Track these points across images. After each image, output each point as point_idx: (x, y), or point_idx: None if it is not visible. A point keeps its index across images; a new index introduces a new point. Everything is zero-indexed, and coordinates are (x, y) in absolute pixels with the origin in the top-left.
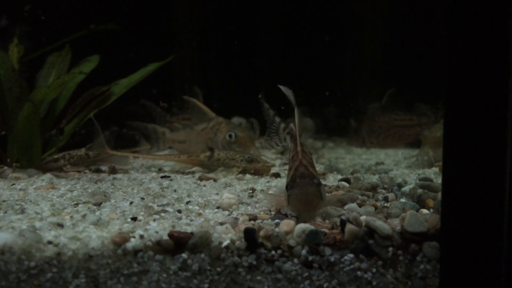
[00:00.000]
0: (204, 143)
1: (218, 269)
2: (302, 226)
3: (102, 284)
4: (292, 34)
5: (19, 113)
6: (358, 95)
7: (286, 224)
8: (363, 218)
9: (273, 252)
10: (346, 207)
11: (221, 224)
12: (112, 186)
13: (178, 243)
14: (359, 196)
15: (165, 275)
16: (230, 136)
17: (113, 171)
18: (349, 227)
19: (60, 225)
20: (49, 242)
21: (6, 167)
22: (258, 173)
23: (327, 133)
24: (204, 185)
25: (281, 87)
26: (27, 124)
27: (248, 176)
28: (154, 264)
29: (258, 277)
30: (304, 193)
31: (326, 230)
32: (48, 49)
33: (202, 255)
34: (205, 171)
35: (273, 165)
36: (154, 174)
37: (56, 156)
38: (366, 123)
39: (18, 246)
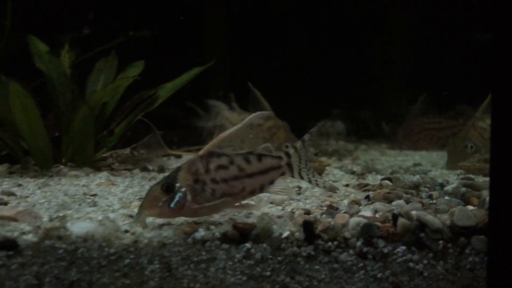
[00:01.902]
0: (256, 138)
1: (279, 258)
2: (356, 219)
3: (174, 270)
4: (326, 38)
5: (75, 115)
6: (391, 99)
7: (341, 217)
8: (414, 212)
9: (329, 243)
10: (393, 203)
11: (279, 217)
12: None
13: (242, 233)
14: (403, 194)
15: (230, 262)
16: (286, 147)
17: (161, 169)
18: (401, 220)
19: (131, 216)
20: (126, 231)
21: (62, 166)
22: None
23: (358, 136)
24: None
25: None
26: (82, 126)
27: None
28: (220, 253)
29: (316, 266)
30: (148, 191)
31: (379, 224)
32: (90, 54)
33: (264, 245)
34: None
35: (329, 164)
36: None
37: (104, 155)
38: (402, 126)
39: (99, 234)
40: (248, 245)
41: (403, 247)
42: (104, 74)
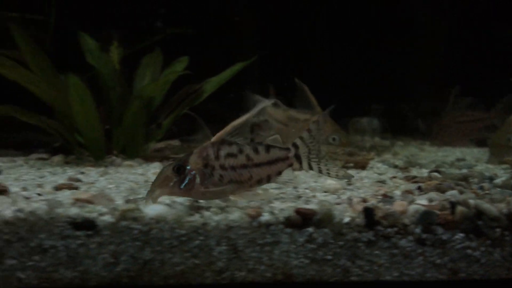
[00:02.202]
0: (298, 132)
1: (340, 242)
2: (415, 206)
3: (240, 252)
4: (364, 33)
5: (128, 108)
6: (427, 94)
7: (400, 205)
8: (471, 201)
9: (389, 229)
10: (447, 193)
11: (338, 204)
12: None
13: (305, 218)
14: (455, 186)
15: (294, 246)
16: (334, 139)
17: None
18: (459, 208)
19: (196, 201)
20: (197, 212)
21: (114, 157)
22: (358, 165)
23: (393, 132)
24: (297, 174)
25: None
26: (134, 118)
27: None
28: (284, 236)
29: (376, 252)
30: (160, 171)
31: (437, 211)
32: (132, 50)
33: (326, 230)
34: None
35: (372, 158)
36: None
37: (160, 147)
38: (436, 121)
39: (171, 217)
40: (310, 229)
41: (461, 234)
42: (150, 69)
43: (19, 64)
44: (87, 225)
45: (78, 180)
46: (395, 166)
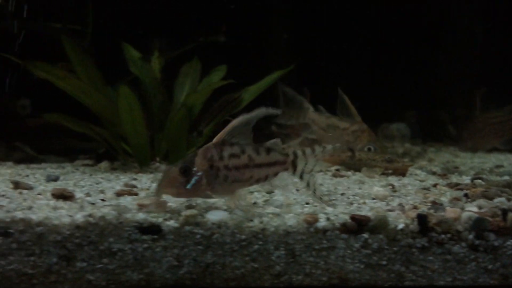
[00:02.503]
0: (341, 141)
1: (395, 248)
2: (468, 213)
3: (298, 256)
4: (399, 39)
5: (172, 116)
6: (458, 100)
7: (453, 212)
8: None
9: (442, 235)
10: (495, 200)
11: (390, 210)
12: None
13: (360, 224)
14: (500, 193)
15: (349, 251)
16: (369, 149)
17: None
18: (511, 215)
19: (255, 203)
20: (257, 219)
21: (157, 163)
22: (397, 172)
23: (423, 138)
24: (340, 181)
25: None
26: (179, 126)
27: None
28: (340, 242)
29: (430, 257)
30: (164, 172)
31: (490, 218)
32: (169, 58)
33: (381, 236)
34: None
35: (412, 165)
36: None
37: None
38: (466, 126)
39: (232, 222)
40: (365, 235)
41: None
42: (190, 78)
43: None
44: (153, 229)
45: (134, 186)
46: (433, 173)
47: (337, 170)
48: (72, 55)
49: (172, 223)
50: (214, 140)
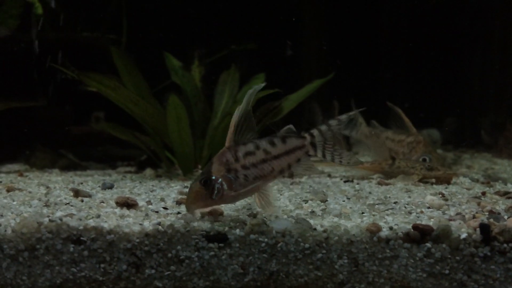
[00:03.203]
0: (387, 150)
1: (457, 257)
2: None
3: (360, 265)
4: (434, 50)
5: (215, 124)
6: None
7: None
8: None
9: (505, 245)
10: None
11: (450, 220)
12: (311, 188)
13: (422, 234)
14: None
15: (412, 260)
16: (424, 160)
17: (291, 175)
18: None
19: (313, 212)
20: (321, 227)
21: (200, 170)
22: (440, 180)
23: (454, 144)
24: (388, 189)
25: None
26: (224, 133)
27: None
28: (403, 251)
29: (492, 266)
30: (189, 187)
31: None
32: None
33: (444, 245)
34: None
35: (455, 174)
36: (334, 179)
37: None
38: (503, 134)
39: (296, 231)
40: (428, 244)
41: None
42: (228, 86)
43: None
44: (219, 238)
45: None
46: (476, 181)
47: (380, 177)
48: (120, 65)
49: (237, 231)
50: (226, 143)
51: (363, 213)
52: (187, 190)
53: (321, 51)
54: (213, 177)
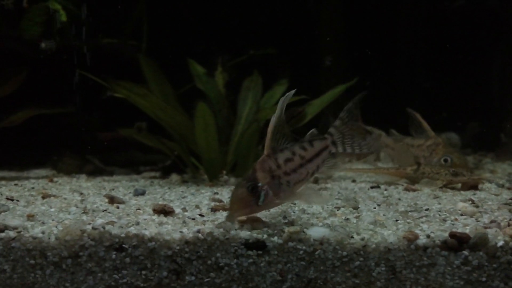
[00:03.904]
0: (411, 157)
1: (494, 265)
2: None
3: (398, 273)
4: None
5: (240, 129)
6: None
7: None
8: None
9: None
10: None
11: (486, 227)
12: (339, 194)
13: (460, 242)
14: None
15: (449, 268)
16: (445, 160)
17: (315, 181)
18: None
19: (347, 219)
20: (357, 235)
21: (226, 176)
22: (467, 186)
23: (474, 148)
24: (417, 196)
25: None
26: (249, 139)
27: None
28: (440, 259)
29: None
30: (232, 194)
31: None
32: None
33: (481, 253)
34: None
35: (481, 179)
36: (359, 185)
37: None
38: None
39: (333, 239)
40: (465, 252)
41: None
42: (252, 92)
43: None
44: (258, 245)
45: (221, 201)
46: (502, 186)
47: (406, 183)
48: (147, 73)
49: (276, 239)
50: (265, 151)
51: (397, 220)
52: (218, 196)
53: (340, 56)
54: (259, 184)
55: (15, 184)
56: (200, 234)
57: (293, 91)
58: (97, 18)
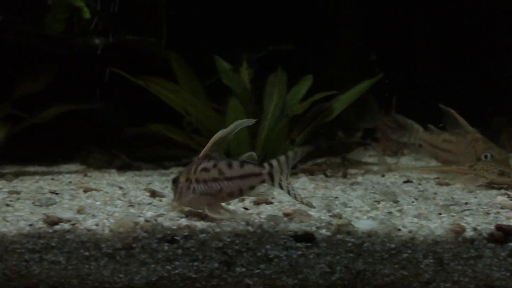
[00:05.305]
0: (472, 153)
1: None
2: None
3: (446, 265)
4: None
5: (273, 126)
6: None
7: None
8: None
9: None
10: None
11: None
12: (374, 188)
13: (506, 234)
14: None
15: (496, 260)
16: (485, 156)
17: (344, 175)
18: None
19: (389, 213)
20: (404, 228)
21: None
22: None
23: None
24: (452, 190)
25: None
26: (279, 134)
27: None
28: (487, 251)
29: None
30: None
31: None
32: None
33: None
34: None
35: None
36: (390, 179)
37: (319, 161)
38: None
39: (382, 231)
40: (511, 244)
41: None
42: (277, 88)
43: None
44: (307, 237)
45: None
46: None
47: (437, 178)
48: (177, 69)
49: (324, 231)
50: (201, 154)
51: (440, 213)
52: None
53: (362, 51)
54: (178, 179)
55: (52, 179)
56: (250, 227)
57: (253, 120)
58: (119, 14)
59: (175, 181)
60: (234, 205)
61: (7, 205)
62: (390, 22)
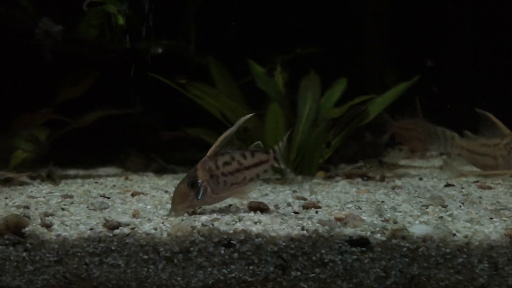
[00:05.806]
0: (503, 157)
1: None
2: None
3: (500, 269)
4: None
5: (308, 129)
6: None
7: None
8: None
9: None
10: None
11: None
12: (417, 192)
13: None
14: None
15: None
16: None
17: (382, 179)
18: None
19: (442, 219)
20: (458, 233)
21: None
22: None
23: None
24: (495, 194)
25: None
26: (317, 138)
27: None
28: None
29: None
30: (176, 189)
31: None
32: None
33: None
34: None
35: None
36: (429, 182)
37: (359, 165)
38: None
39: (436, 236)
40: None
41: None
42: (310, 91)
43: None
44: (362, 242)
45: (305, 198)
46: None
47: (477, 181)
48: (216, 74)
49: (379, 236)
50: (208, 153)
51: (491, 218)
52: (298, 194)
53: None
54: (199, 181)
55: (96, 182)
56: (305, 232)
57: (252, 114)
58: (151, 20)
59: (193, 185)
60: (284, 209)
61: (63, 209)
62: (424, 23)
